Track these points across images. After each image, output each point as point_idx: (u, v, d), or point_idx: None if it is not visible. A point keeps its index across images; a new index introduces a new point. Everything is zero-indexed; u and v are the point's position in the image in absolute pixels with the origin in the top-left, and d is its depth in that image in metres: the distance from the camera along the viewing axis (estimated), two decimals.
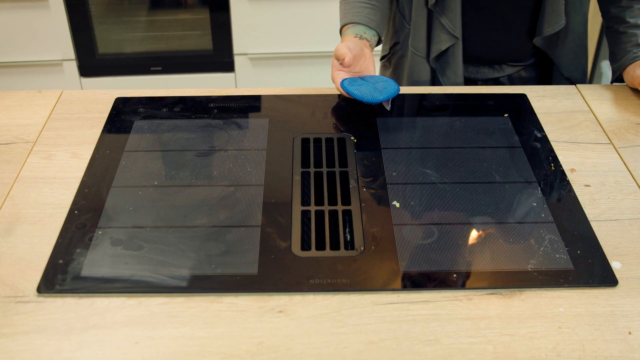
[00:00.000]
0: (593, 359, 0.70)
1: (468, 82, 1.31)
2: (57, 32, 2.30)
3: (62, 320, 0.74)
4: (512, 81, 1.31)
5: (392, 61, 1.37)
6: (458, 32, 1.21)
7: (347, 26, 1.18)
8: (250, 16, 2.31)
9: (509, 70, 1.30)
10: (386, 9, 1.23)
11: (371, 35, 1.17)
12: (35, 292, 0.77)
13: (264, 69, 2.43)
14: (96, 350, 0.71)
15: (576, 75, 1.27)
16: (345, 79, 1.09)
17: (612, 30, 1.22)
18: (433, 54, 1.25)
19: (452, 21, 1.20)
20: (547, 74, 1.31)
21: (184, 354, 0.70)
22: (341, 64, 1.08)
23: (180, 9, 2.34)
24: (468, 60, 1.28)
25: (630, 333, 0.73)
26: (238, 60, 2.41)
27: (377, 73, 1.38)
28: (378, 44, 1.21)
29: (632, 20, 1.18)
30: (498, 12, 1.21)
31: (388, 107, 1.10)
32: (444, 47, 1.22)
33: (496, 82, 1.32)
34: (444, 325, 0.74)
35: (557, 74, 1.28)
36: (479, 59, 1.28)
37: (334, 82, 1.10)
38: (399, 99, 1.15)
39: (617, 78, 1.21)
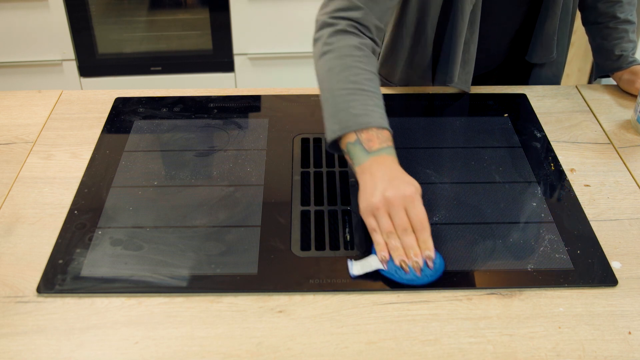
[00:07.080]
0: (593, 359, 0.70)
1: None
2: (57, 32, 2.30)
3: (62, 320, 0.74)
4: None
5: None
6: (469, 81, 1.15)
7: (372, 132, 0.83)
8: (250, 16, 2.31)
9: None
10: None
11: None
12: (35, 292, 0.77)
13: (264, 69, 2.43)
14: (96, 350, 0.71)
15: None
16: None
17: (602, 26, 1.19)
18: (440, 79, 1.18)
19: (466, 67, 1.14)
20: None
21: (183, 354, 0.70)
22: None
23: (180, 9, 2.34)
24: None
25: (630, 333, 0.73)
26: (238, 60, 2.40)
27: None
28: None
29: (622, 16, 1.16)
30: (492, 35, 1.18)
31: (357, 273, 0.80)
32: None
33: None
34: (444, 325, 0.74)
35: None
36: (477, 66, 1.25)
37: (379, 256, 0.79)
38: (399, 100, 1.15)
39: (602, 74, 1.19)
